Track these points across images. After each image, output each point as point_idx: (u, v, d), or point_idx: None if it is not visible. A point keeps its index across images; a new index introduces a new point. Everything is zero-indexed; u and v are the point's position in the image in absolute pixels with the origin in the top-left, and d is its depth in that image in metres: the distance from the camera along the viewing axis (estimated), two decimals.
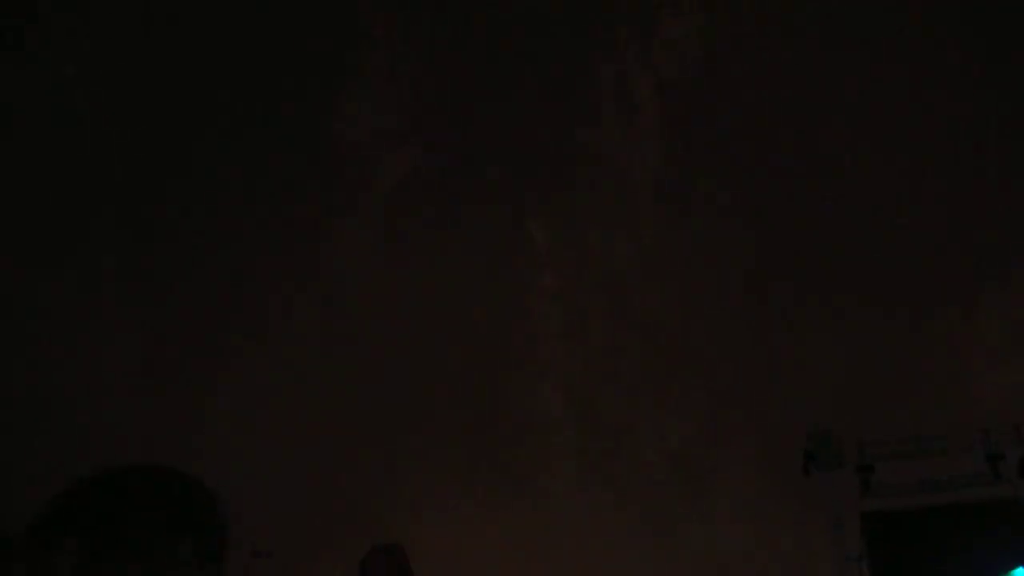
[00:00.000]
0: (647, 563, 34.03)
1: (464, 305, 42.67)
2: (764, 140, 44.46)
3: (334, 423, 37.29)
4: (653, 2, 45.13)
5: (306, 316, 40.55)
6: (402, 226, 43.49)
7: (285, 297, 40.05)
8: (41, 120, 36.02)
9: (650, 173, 45.45)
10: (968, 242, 42.16)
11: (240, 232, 39.31)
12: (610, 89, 45.92)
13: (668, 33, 45.44)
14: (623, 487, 38.66)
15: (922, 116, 43.63)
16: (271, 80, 40.80)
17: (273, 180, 40.10)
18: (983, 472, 21.43)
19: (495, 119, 44.35)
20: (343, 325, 41.18)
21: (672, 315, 43.61)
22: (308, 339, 39.89)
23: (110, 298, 36.73)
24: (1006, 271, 41.11)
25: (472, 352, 41.81)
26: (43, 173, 35.46)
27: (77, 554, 1.29)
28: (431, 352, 41.57)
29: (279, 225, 40.37)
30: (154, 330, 36.74)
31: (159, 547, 1.35)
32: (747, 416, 40.79)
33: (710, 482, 38.96)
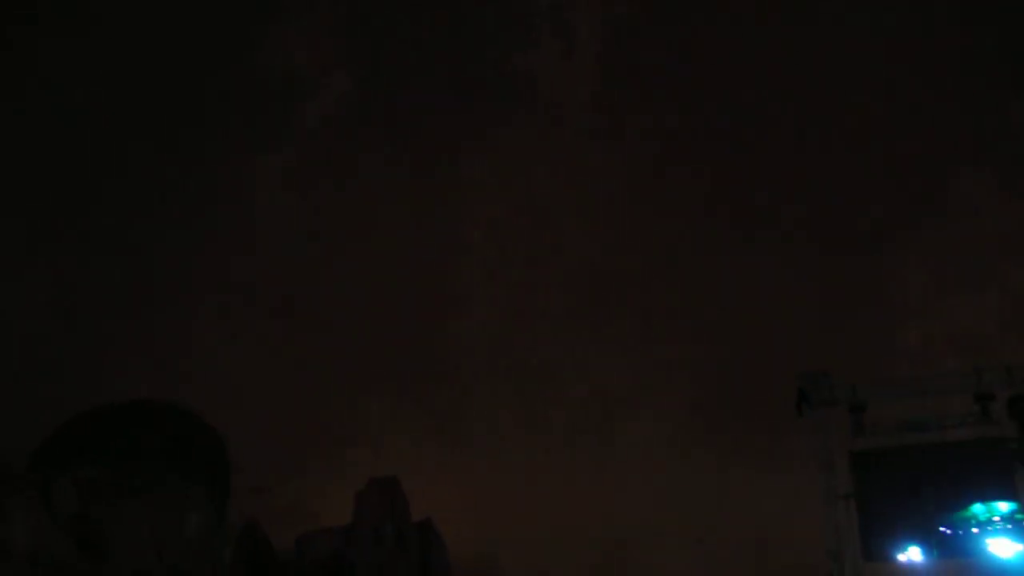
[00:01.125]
0: (568, 493, 34.42)
1: (396, 239, 42.24)
2: (706, 76, 43.64)
3: (279, 365, 37.19)
4: None
5: (232, 254, 39.98)
6: (331, 157, 42.66)
7: (210, 233, 39.30)
8: None
9: (587, 106, 44.65)
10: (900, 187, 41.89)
11: (166, 170, 38.39)
12: (547, 18, 44.72)
13: None
14: (549, 423, 38.86)
15: (861, 61, 43.00)
16: (195, 10, 39.42)
17: (200, 113, 38.98)
18: (973, 412, 21.72)
19: (427, 48, 43.24)
20: (271, 262, 40.65)
21: (605, 252, 43.29)
22: (233, 282, 39.36)
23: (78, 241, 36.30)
24: (942, 210, 40.96)
25: (403, 289, 41.61)
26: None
27: (80, 489, 1.26)
28: (364, 290, 41.32)
29: (210, 159, 39.51)
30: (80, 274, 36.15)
31: (168, 485, 1.32)
32: (678, 355, 40.86)
33: (635, 419, 39.22)
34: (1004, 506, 21.16)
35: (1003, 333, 37.91)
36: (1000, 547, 21.00)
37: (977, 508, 21.24)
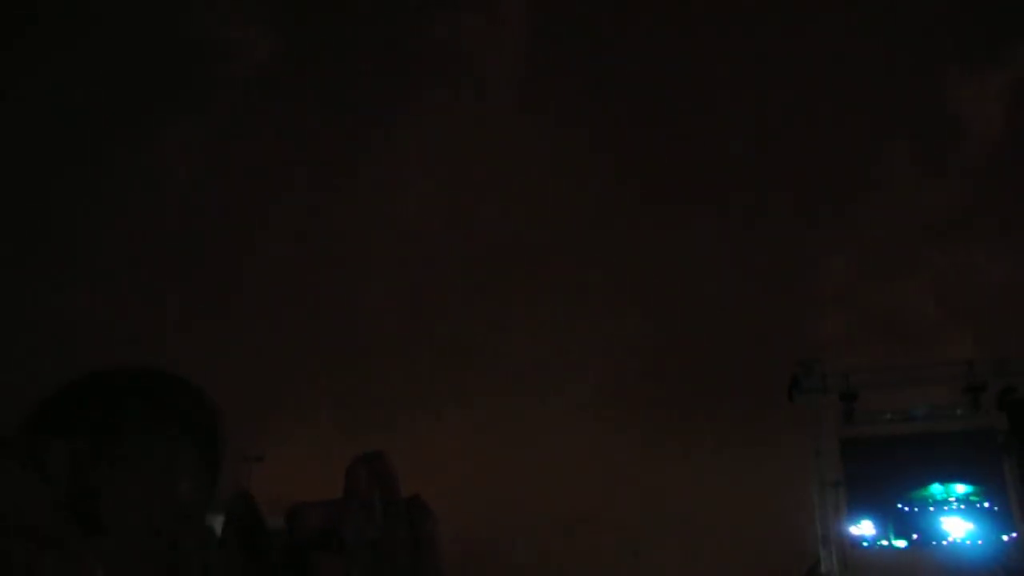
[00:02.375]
0: (488, 475, 34.31)
1: (314, 206, 41.74)
2: (636, 49, 43.20)
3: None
4: None
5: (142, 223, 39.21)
6: (249, 124, 42.03)
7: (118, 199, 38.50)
8: None
9: (513, 77, 44.21)
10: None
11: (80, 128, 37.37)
12: None
13: None
14: (472, 400, 38.64)
15: (785, 36, 42.65)
16: None
17: (115, 77, 38.08)
18: (964, 402, 21.92)
19: (349, 13, 42.45)
20: (185, 230, 39.91)
21: (530, 227, 42.98)
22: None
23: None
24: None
25: (319, 258, 41.15)
26: None
27: (73, 456, 1.26)
28: (287, 265, 40.89)
29: (123, 124, 38.59)
30: None
31: (159, 453, 1.32)
32: (601, 333, 40.80)
33: (559, 396, 39.16)
34: (961, 488, 21.78)
35: (930, 318, 38.24)
36: (953, 526, 21.61)
37: (935, 488, 21.79)
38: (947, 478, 21.71)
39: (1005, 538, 21.15)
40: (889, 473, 21.94)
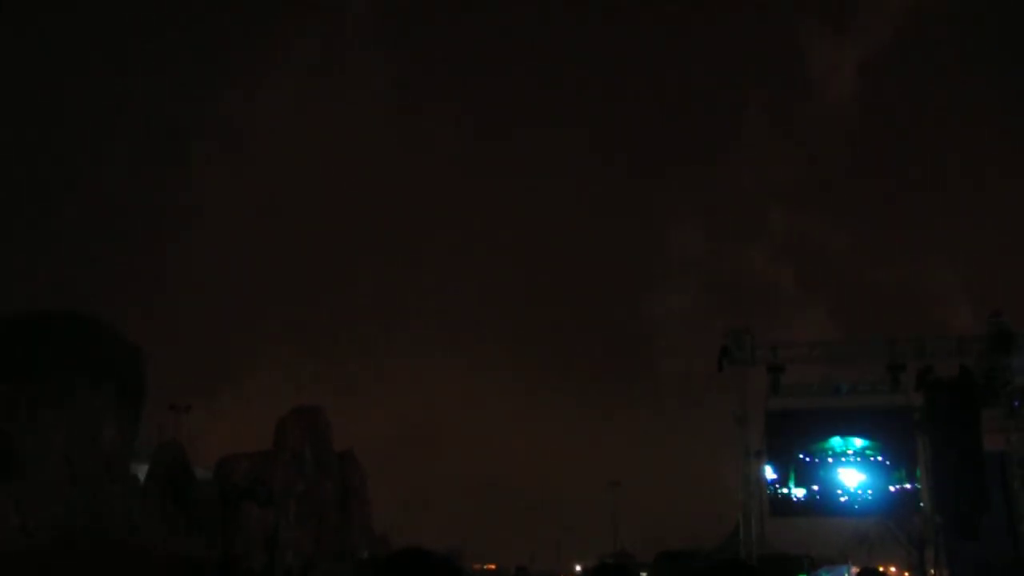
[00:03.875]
0: (345, 406, 35.15)
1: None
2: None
3: None
4: None
5: None
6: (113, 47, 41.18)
7: None
8: None
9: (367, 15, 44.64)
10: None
11: None
12: None
13: None
14: (331, 337, 39.53)
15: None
16: None
17: None
18: (885, 380, 22.65)
19: None
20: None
21: (380, 167, 43.72)
22: None
23: None
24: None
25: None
26: None
27: None
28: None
29: None
30: None
31: (80, 398, 1.28)
32: (446, 268, 42.06)
33: (405, 329, 40.15)
34: (859, 442, 22.89)
35: (776, 285, 40.09)
36: (848, 478, 22.77)
37: (835, 440, 22.82)
38: (847, 432, 22.70)
39: (892, 488, 22.31)
40: (803, 431, 22.85)
